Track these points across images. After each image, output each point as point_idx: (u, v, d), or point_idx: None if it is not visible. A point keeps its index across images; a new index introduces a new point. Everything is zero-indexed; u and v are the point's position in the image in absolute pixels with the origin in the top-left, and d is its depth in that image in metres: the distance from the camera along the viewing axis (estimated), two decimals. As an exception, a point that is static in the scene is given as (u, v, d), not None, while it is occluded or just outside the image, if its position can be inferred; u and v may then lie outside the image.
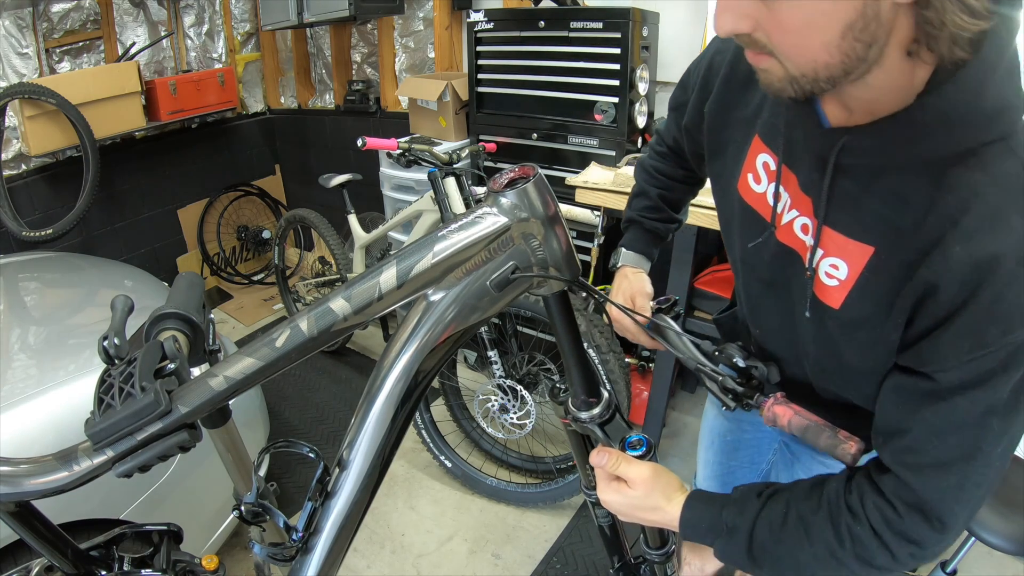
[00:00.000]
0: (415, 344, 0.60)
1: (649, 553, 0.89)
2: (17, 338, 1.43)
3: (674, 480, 0.71)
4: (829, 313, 0.62)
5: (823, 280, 0.62)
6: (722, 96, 0.74)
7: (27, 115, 2.47)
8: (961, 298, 0.51)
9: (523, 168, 0.59)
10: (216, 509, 1.49)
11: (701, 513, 0.67)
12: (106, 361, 0.59)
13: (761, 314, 0.77)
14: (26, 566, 0.78)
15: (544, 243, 0.57)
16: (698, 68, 0.80)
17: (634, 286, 1.00)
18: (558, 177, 2.04)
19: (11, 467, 0.57)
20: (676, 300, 0.86)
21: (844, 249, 0.59)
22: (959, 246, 0.51)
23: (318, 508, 0.63)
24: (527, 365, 1.83)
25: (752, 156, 0.70)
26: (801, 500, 0.63)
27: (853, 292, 0.59)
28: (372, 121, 3.03)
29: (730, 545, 0.65)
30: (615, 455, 0.71)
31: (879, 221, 0.56)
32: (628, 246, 1.04)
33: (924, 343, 0.54)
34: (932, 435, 0.55)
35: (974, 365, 0.51)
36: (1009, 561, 1.66)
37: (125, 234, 3.11)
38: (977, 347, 0.51)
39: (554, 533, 1.86)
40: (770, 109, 0.67)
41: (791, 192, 0.65)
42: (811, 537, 0.60)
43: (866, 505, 0.58)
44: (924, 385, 0.55)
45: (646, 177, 1.04)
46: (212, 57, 3.33)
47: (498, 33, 2.17)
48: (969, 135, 0.51)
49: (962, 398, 0.53)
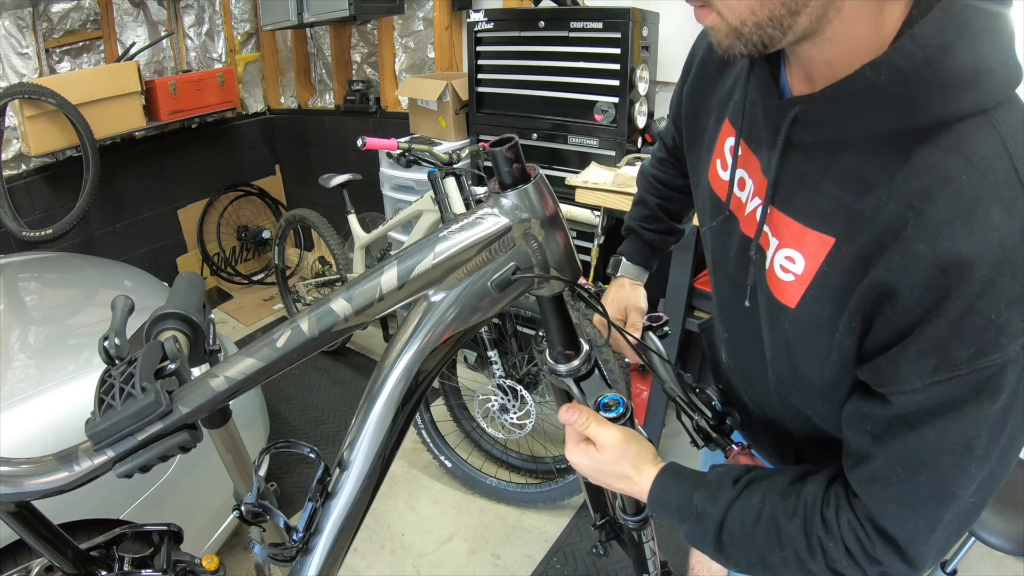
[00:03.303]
0: (416, 345, 0.60)
1: (625, 519, 0.85)
2: (17, 338, 1.43)
3: (646, 449, 0.66)
4: (785, 313, 0.56)
5: (778, 274, 0.56)
6: (698, 79, 0.71)
7: (27, 115, 2.47)
8: (923, 307, 0.43)
9: (505, 137, 0.54)
10: (216, 509, 1.49)
11: (671, 491, 0.62)
12: (106, 361, 0.59)
13: (729, 317, 0.72)
14: (26, 566, 0.78)
15: (545, 244, 0.57)
16: (686, 58, 0.77)
17: (629, 299, 0.98)
18: (558, 177, 2.04)
19: (11, 467, 0.57)
20: (667, 320, 0.85)
21: (800, 239, 0.53)
22: (923, 244, 0.43)
23: (318, 508, 0.63)
24: (527, 365, 1.83)
25: (721, 141, 0.66)
26: (777, 499, 0.57)
27: (810, 290, 0.52)
28: (372, 121, 3.03)
29: (697, 531, 0.61)
30: (585, 413, 0.66)
31: (838, 208, 0.49)
32: (627, 256, 1.02)
33: (882, 359, 0.47)
34: (898, 467, 0.48)
35: (939, 390, 0.44)
36: (1009, 561, 1.66)
37: (125, 234, 3.11)
38: (943, 368, 0.43)
39: (554, 533, 1.86)
40: (740, 89, 0.61)
41: (754, 178, 0.59)
42: (782, 542, 0.56)
43: (840, 522, 0.53)
44: (884, 411, 0.48)
45: (646, 185, 1.02)
46: (212, 57, 3.33)
47: (498, 33, 2.17)
48: (935, 104, 0.43)
49: (930, 428, 0.46)
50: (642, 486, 0.64)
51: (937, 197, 0.43)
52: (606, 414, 0.67)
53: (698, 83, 0.71)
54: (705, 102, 0.69)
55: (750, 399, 0.76)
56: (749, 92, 0.58)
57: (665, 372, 0.73)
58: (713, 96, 0.68)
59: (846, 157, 0.49)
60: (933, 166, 0.43)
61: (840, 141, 0.49)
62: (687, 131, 0.74)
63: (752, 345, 0.66)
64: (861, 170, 0.47)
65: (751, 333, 0.65)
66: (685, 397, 0.69)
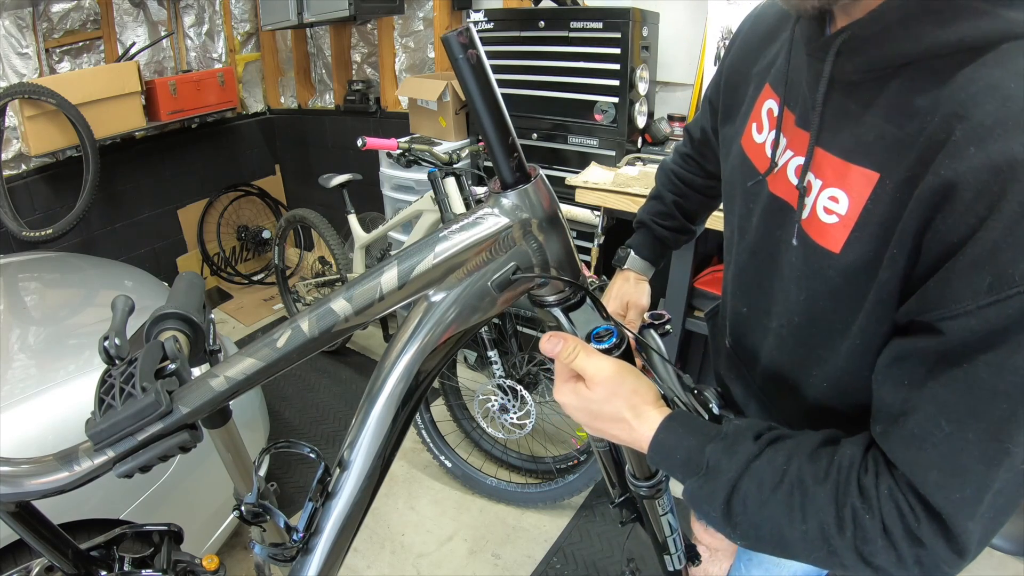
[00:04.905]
0: (416, 345, 0.60)
1: (636, 485, 0.77)
2: (17, 338, 1.43)
3: (645, 387, 0.57)
4: (829, 260, 0.52)
5: (821, 217, 0.52)
6: (742, 51, 0.73)
7: (27, 115, 2.47)
8: (976, 214, 0.39)
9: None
10: (216, 509, 1.49)
11: (678, 440, 0.53)
12: (106, 361, 0.59)
13: (747, 289, 0.69)
14: (26, 566, 0.78)
15: (545, 243, 0.57)
16: (732, 36, 0.79)
17: (632, 295, 0.97)
18: (558, 177, 2.04)
19: (11, 467, 0.57)
20: (669, 319, 0.80)
21: (844, 177, 0.50)
22: (973, 146, 0.40)
23: (319, 508, 0.63)
24: (527, 365, 1.83)
25: (760, 104, 0.65)
26: (806, 459, 0.50)
27: (855, 231, 0.49)
28: (372, 121, 3.03)
29: (704, 489, 0.52)
30: (572, 343, 0.56)
31: (882, 140, 0.47)
32: (636, 250, 1.00)
33: (932, 281, 0.43)
34: (942, 419, 0.42)
35: (995, 311, 0.39)
36: (1009, 561, 1.66)
37: (125, 234, 3.11)
38: (1000, 284, 0.38)
39: (554, 533, 1.86)
40: (784, 56, 0.61)
41: (788, 134, 0.58)
42: (806, 512, 0.48)
43: (880, 490, 0.46)
44: (930, 344, 0.43)
45: (664, 181, 1.00)
46: (212, 57, 3.33)
47: (498, 33, 2.17)
48: (983, 21, 0.41)
49: (983, 364, 0.40)
50: (641, 431, 0.55)
51: (985, 102, 0.41)
52: (597, 345, 0.58)
53: (741, 55, 0.72)
54: (746, 73, 0.71)
55: (751, 387, 0.76)
56: (795, 45, 0.57)
57: (665, 372, 0.70)
58: (754, 68, 0.69)
59: (891, 88, 0.47)
60: (979, 78, 0.42)
61: (885, 70, 0.47)
62: (724, 104, 0.75)
63: (763, 322, 0.65)
64: (906, 98, 0.46)
65: (765, 307, 0.64)
66: (684, 398, 0.66)
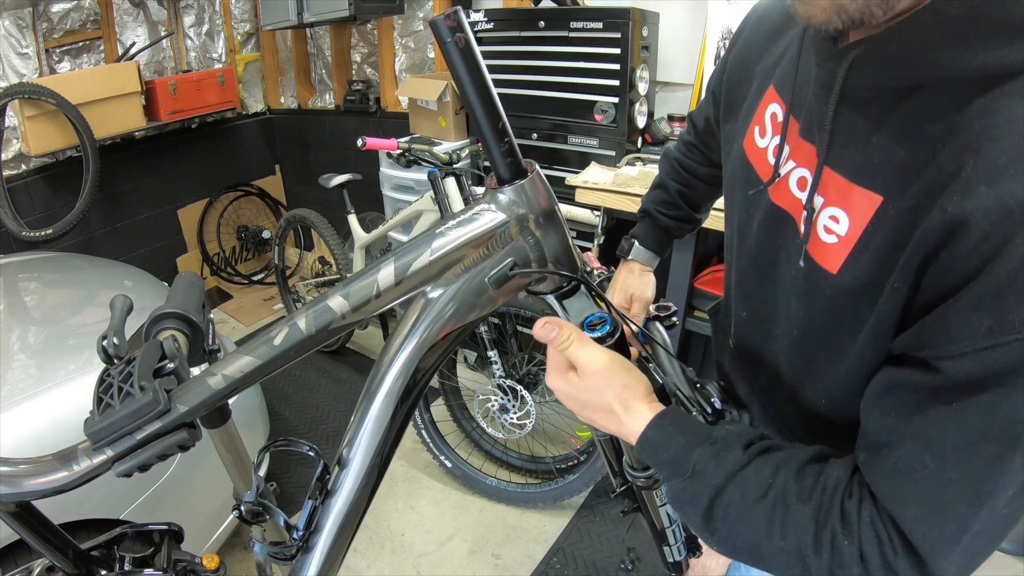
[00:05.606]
0: (414, 341, 0.60)
1: (633, 475, 0.76)
2: (17, 338, 1.43)
3: (637, 381, 0.56)
4: (826, 279, 0.52)
5: (821, 236, 0.52)
6: (747, 46, 0.70)
7: (27, 115, 2.47)
8: (981, 255, 0.38)
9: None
10: (216, 509, 1.49)
11: (668, 439, 0.53)
12: (105, 361, 0.59)
13: (748, 295, 0.68)
14: (27, 566, 0.78)
15: (542, 239, 0.57)
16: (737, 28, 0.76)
17: (636, 287, 0.97)
18: (558, 177, 2.04)
19: (11, 467, 0.57)
20: (675, 311, 0.78)
21: (847, 197, 0.49)
22: (983, 184, 0.39)
23: (318, 506, 0.63)
24: (527, 365, 1.83)
25: (763, 107, 0.63)
26: (792, 474, 0.49)
27: (854, 253, 0.49)
28: (372, 121, 3.03)
29: (687, 491, 0.52)
30: (566, 329, 0.56)
31: (889, 162, 0.45)
32: (640, 240, 0.99)
33: (930, 317, 0.42)
34: (927, 454, 0.42)
35: (991, 356, 0.38)
36: (1010, 561, 1.66)
37: (125, 234, 3.11)
38: (999, 330, 0.37)
39: (554, 533, 1.86)
40: (790, 57, 0.59)
41: (791, 143, 0.57)
42: (785, 528, 0.48)
43: (862, 516, 0.46)
44: (923, 380, 0.42)
45: (668, 169, 0.99)
46: (212, 57, 3.33)
47: (498, 33, 2.17)
48: (1006, 49, 0.40)
49: (974, 406, 0.39)
50: (630, 426, 0.55)
51: (1001, 138, 0.39)
52: (590, 333, 0.58)
53: (746, 50, 0.70)
54: (750, 69, 0.68)
55: (754, 388, 0.75)
56: (803, 51, 0.55)
57: (670, 365, 0.68)
58: (759, 64, 0.67)
59: (903, 108, 0.45)
60: (996, 110, 0.40)
61: (897, 90, 0.45)
62: (726, 98, 0.73)
63: (764, 328, 0.64)
64: (918, 122, 0.44)
65: (767, 315, 0.63)
66: (689, 392, 0.65)
